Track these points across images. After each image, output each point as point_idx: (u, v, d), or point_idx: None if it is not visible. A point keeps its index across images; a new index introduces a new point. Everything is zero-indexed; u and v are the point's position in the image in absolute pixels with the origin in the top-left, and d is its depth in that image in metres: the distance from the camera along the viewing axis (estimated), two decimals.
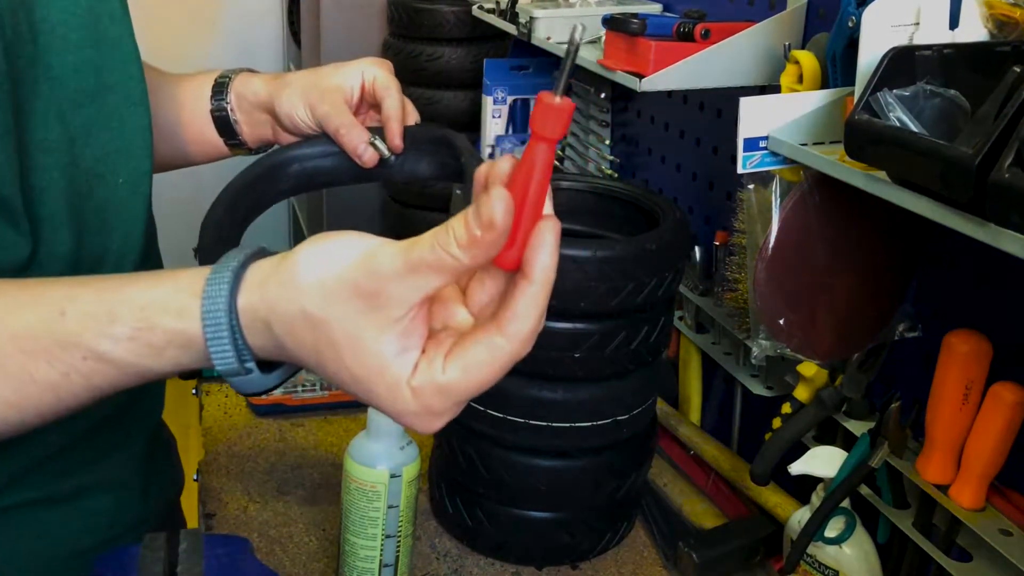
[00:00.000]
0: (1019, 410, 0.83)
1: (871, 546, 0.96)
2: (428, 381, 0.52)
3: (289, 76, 0.94)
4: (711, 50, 1.09)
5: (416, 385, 0.52)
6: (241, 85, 0.95)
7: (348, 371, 0.53)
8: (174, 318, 0.56)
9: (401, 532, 0.93)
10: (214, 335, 0.55)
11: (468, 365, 0.52)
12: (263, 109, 0.94)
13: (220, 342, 0.55)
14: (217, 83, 0.96)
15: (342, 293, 0.51)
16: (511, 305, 0.52)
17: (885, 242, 0.98)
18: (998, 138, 0.63)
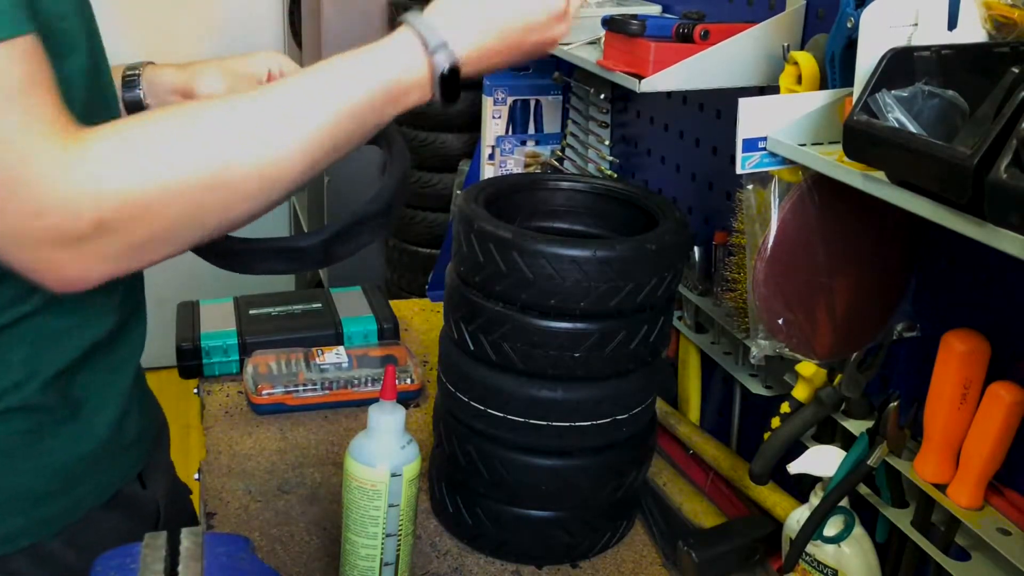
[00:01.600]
0: (1017, 409, 0.83)
1: (870, 545, 0.96)
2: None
3: (199, 64, 1.04)
4: (710, 51, 1.09)
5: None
6: (152, 74, 1.03)
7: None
8: (405, 55, 0.81)
9: (401, 531, 0.93)
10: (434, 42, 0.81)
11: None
12: (178, 93, 1.02)
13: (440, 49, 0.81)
14: (126, 76, 1.02)
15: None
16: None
17: (884, 242, 0.98)
18: (996, 138, 0.64)
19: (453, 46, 0.81)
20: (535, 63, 1.75)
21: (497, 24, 0.83)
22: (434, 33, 0.80)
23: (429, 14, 0.82)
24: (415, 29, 0.81)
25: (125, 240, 0.69)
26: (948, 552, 0.90)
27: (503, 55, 0.85)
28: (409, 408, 1.33)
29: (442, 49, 0.80)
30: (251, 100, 0.75)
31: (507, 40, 0.84)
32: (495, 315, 0.97)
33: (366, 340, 1.46)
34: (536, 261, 0.93)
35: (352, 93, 0.78)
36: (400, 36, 0.81)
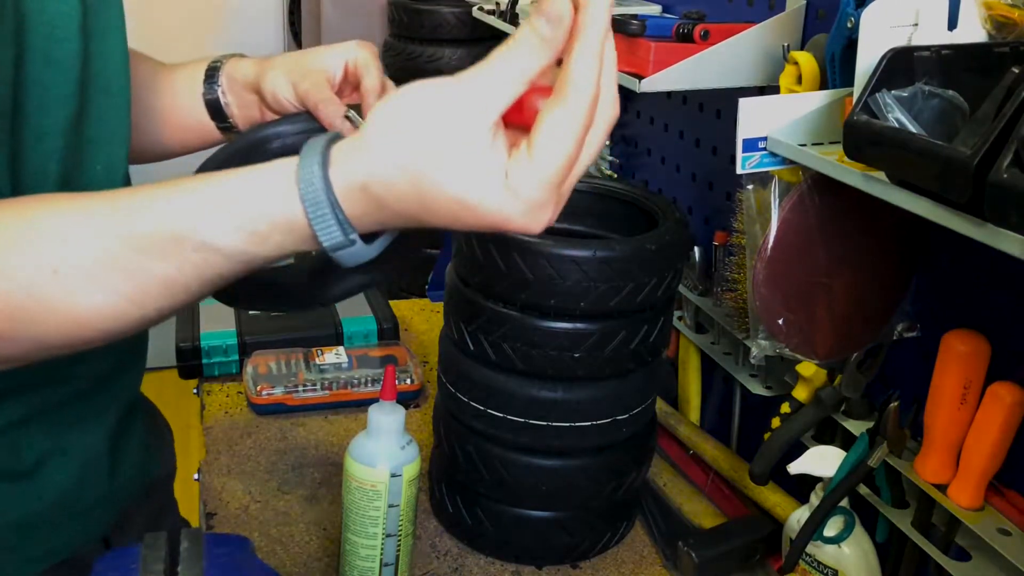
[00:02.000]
0: (1017, 410, 0.83)
1: (870, 545, 0.96)
2: (522, 176, 0.55)
3: (276, 58, 0.95)
4: (710, 51, 1.09)
5: (514, 184, 0.55)
6: (232, 68, 0.97)
7: (452, 200, 0.56)
8: (277, 205, 0.59)
9: (401, 531, 0.93)
10: (316, 213, 0.58)
11: (547, 144, 0.55)
12: (251, 89, 0.95)
13: (323, 218, 0.58)
14: (210, 68, 0.97)
15: (428, 134, 0.55)
16: (566, 72, 0.55)
17: (884, 242, 0.98)
18: (996, 138, 0.64)
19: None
20: None
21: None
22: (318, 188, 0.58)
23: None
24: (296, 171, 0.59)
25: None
26: (948, 552, 0.90)
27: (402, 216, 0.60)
28: (409, 408, 1.33)
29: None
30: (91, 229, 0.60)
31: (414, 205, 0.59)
32: (495, 315, 0.97)
33: (366, 340, 1.46)
34: (536, 261, 0.93)
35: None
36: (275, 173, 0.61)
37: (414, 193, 0.57)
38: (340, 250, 0.60)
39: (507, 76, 0.55)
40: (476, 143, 0.55)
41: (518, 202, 0.56)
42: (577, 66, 0.54)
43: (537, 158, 0.55)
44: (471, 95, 0.55)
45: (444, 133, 0.55)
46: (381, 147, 0.57)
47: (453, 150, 0.55)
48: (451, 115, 0.55)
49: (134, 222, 0.60)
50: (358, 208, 0.58)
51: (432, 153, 0.55)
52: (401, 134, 0.56)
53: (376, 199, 0.58)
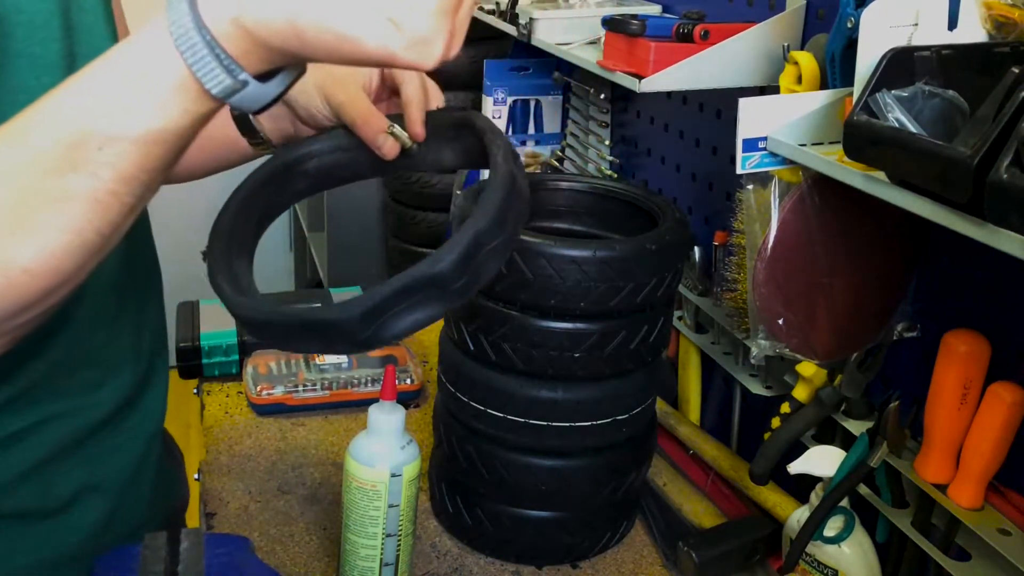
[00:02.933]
0: (1017, 410, 0.83)
1: (870, 545, 0.96)
2: (404, 2, 0.52)
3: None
4: (710, 51, 1.09)
5: (396, 13, 0.52)
6: None
7: (329, 30, 0.53)
8: (156, 63, 0.55)
9: (401, 531, 0.93)
10: (194, 58, 0.54)
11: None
12: (281, 103, 0.93)
13: (204, 63, 0.54)
14: None
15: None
16: None
17: (884, 242, 0.98)
18: (996, 138, 0.64)
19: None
20: (535, 63, 1.75)
21: None
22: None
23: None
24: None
25: None
26: (948, 552, 0.90)
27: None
28: (409, 408, 1.33)
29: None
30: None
31: None
32: (495, 315, 0.97)
33: None
34: (536, 261, 0.93)
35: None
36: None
37: (290, 27, 0.53)
38: (234, 94, 0.56)
39: None
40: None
41: (403, 35, 0.52)
42: None
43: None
44: None
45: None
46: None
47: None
48: None
49: (30, 145, 0.56)
50: (239, 46, 0.54)
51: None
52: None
53: (252, 32, 0.54)
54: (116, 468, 0.84)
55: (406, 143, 0.84)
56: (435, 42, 0.54)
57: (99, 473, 0.82)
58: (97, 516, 0.82)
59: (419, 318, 0.64)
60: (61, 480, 0.79)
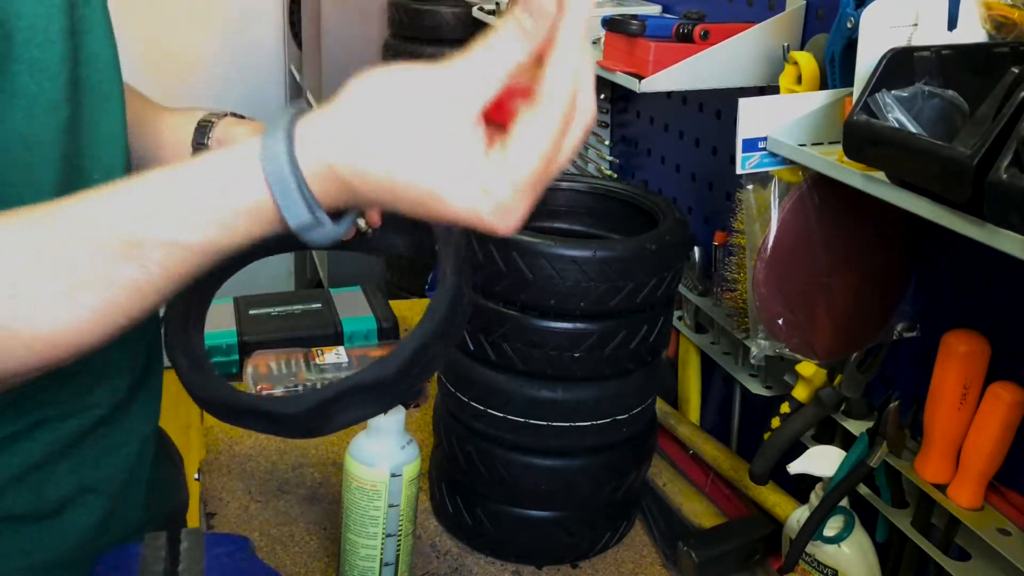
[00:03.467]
0: (1017, 410, 0.83)
1: (870, 545, 0.96)
2: (497, 177, 0.53)
3: None
4: (710, 51, 1.09)
5: (488, 184, 0.53)
6: (223, 133, 0.93)
7: (422, 189, 0.54)
8: (239, 187, 0.56)
9: (401, 531, 0.93)
10: (282, 192, 0.55)
11: (524, 149, 0.53)
12: None
13: (291, 199, 0.55)
14: (200, 125, 0.93)
15: (403, 120, 0.53)
16: (544, 78, 0.53)
17: (884, 242, 0.98)
18: (996, 138, 0.64)
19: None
20: None
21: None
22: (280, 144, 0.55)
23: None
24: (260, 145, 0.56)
25: None
26: (948, 552, 0.90)
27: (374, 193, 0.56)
28: (409, 408, 1.33)
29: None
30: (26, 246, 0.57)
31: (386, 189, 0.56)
32: (495, 315, 0.97)
33: (366, 340, 1.46)
34: (536, 261, 0.93)
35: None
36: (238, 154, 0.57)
37: (386, 181, 0.54)
38: (308, 231, 0.57)
39: (489, 68, 0.53)
40: (455, 136, 0.53)
41: (490, 202, 0.54)
42: (555, 71, 0.53)
43: (513, 161, 0.53)
44: (453, 85, 0.53)
45: (422, 123, 0.53)
46: (353, 129, 0.54)
47: (431, 141, 0.53)
48: (431, 104, 0.53)
49: (91, 231, 0.57)
50: (326, 188, 0.56)
51: (409, 143, 0.53)
52: (376, 118, 0.54)
53: (344, 180, 0.55)
54: (110, 470, 0.83)
55: (362, 227, 0.88)
56: (518, 213, 0.55)
57: (93, 476, 0.82)
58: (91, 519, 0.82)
59: (362, 413, 0.71)
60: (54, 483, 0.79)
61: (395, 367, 0.68)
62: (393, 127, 0.53)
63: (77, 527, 0.81)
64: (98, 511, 0.82)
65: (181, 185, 0.57)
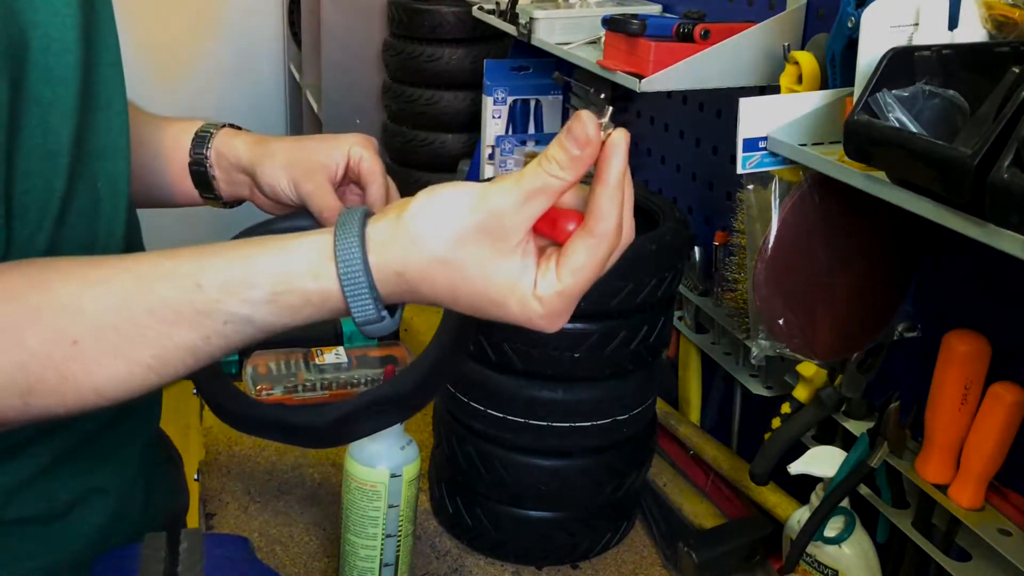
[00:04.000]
0: (1018, 410, 0.83)
1: (870, 546, 0.96)
2: (549, 289, 0.60)
3: (273, 144, 0.93)
4: (711, 51, 1.09)
5: (541, 295, 0.60)
6: (222, 143, 0.94)
7: (482, 296, 0.61)
8: (312, 281, 0.61)
9: (401, 532, 0.93)
10: (354, 292, 0.60)
11: (576, 268, 0.60)
12: (243, 171, 0.93)
13: (361, 298, 0.61)
14: (198, 136, 0.94)
15: (469, 235, 0.59)
16: (593, 208, 0.60)
17: (884, 242, 0.98)
18: (997, 138, 0.63)
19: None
20: (535, 63, 1.75)
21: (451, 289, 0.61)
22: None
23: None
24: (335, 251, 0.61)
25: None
26: (949, 553, 0.89)
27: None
28: None
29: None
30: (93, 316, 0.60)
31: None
32: None
33: (366, 340, 1.46)
34: None
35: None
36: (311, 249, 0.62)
37: (449, 287, 0.61)
38: (369, 325, 0.62)
39: (540, 190, 0.59)
40: (510, 251, 0.60)
41: (543, 310, 0.61)
42: (602, 200, 0.59)
43: (565, 279, 0.60)
44: (510, 204, 0.59)
45: (487, 241, 0.59)
46: (423, 241, 0.60)
47: (491, 254, 0.60)
48: (491, 221, 0.59)
49: (160, 292, 0.61)
50: (392, 289, 0.61)
51: (472, 254, 0.60)
52: (450, 235, 0.59)
53: (411, 285, 0.61)
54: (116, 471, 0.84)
55: None
56: (564, 318, 0.63)
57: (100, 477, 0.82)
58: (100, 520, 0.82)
59: (379, 425, 0.76)
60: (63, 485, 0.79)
61: (414, 382, 0.73)
62: (458, 241, 0.60)
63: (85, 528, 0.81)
64: (106, 511, 0.82)
65: (259, 270, 0.61)
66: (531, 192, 0.59)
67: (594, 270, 0.61)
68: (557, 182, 0.59)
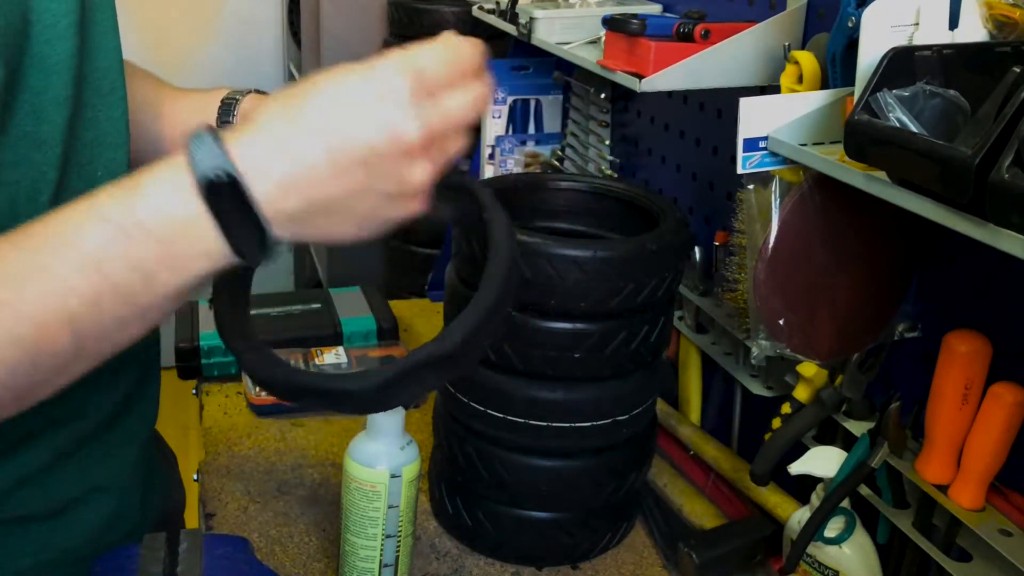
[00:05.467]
0: (1019, 410, 0.83)
1: (871, 546, 0.96)
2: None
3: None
4: (711, 50, 1.09)
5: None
6: (250, 105, 0.93)
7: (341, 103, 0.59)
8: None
9: (401, 532, 0.93)
10: (196, 143, 0.58)
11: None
12: None
13: (204, 146, 0.57)
14: (224, 103, 0.94)
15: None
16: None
17: (885, 242, 0.98)
18: (997, 138, 0.63)
19: (246, 175, 0.57)
20: (535, 63, 1.75)
21: (322, 143, 0.58)
22: (212, 156, 0.56)
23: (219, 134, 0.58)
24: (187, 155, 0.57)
25: None
26: (949, 553, 0.89)
27: (330, 194, 0.59)
28: (409, 408, 1.33)
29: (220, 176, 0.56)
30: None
31: (338, 173, 0.59)
32: None
33: (366, 340, 1.46)
34: (536, 261, 0.92)
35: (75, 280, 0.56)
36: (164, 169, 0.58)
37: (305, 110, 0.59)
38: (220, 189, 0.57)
39: (425, 50, 0.61)
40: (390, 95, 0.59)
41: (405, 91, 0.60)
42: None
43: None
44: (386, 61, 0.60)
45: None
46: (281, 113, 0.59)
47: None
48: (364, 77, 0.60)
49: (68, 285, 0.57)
50: (246, 147, 0.59)
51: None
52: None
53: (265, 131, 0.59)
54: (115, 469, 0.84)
55: None
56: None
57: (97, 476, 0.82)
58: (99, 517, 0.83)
59: (423, 388, 0.71)
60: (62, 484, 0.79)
61: (458, 342, 0.68)
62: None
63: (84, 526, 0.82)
64: (105, 509, 0.83)
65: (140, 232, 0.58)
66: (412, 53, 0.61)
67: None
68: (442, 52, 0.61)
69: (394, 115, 0.58)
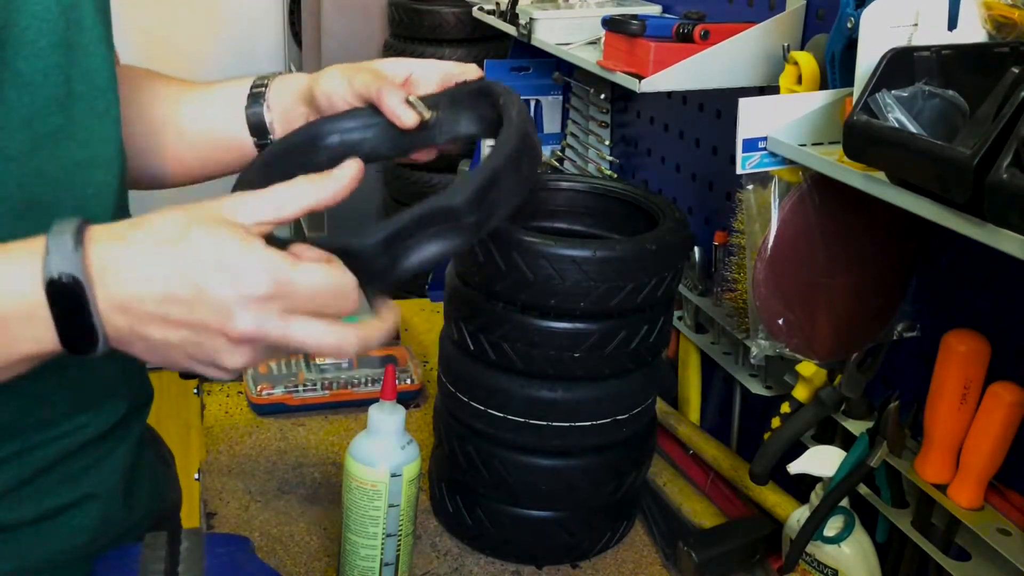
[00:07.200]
0: (1017, 410, 0.83)
1: (870, 545, 0.96)
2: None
3: (330, 67, 0.95)
4: (711, 51, 1.09)
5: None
6: (280, 83, 0.96)
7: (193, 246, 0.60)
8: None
9: (402, 531, 0.93)
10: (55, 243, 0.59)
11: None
12: (303, 100, 0.94)
13: (61, 241, 0.59)
14: (255, 85, 0.97)
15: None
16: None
17: (884, 242, 0.98)
18: (996, 139, 0.64)
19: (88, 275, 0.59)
20: (535, 63, 1.76)
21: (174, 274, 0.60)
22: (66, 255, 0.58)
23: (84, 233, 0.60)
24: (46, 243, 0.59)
25: None
26: (948, 552, 0.90)
27: (158, 324, 0.60)
28: (409, 408, 1.33)
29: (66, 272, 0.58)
30: None
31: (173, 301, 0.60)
32: (495, 315, 0.97)
33: None
34: (536, 261, 0.93)
35: None
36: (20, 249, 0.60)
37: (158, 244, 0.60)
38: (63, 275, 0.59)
39: (271, 197, 0.63)
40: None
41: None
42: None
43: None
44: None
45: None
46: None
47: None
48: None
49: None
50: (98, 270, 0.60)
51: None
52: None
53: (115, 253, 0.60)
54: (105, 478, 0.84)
55: (424, 114, 0.88)
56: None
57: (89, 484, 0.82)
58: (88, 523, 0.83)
59: (433, 251, 0.68)
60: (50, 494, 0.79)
61: (464, 194, 0.67)
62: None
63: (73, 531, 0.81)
64: (94, 514, 0.83)
65: None
66: (260, 198, 0.64)
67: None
68: (291, 198, 0.65)
69: (234, 305, 0.60)
